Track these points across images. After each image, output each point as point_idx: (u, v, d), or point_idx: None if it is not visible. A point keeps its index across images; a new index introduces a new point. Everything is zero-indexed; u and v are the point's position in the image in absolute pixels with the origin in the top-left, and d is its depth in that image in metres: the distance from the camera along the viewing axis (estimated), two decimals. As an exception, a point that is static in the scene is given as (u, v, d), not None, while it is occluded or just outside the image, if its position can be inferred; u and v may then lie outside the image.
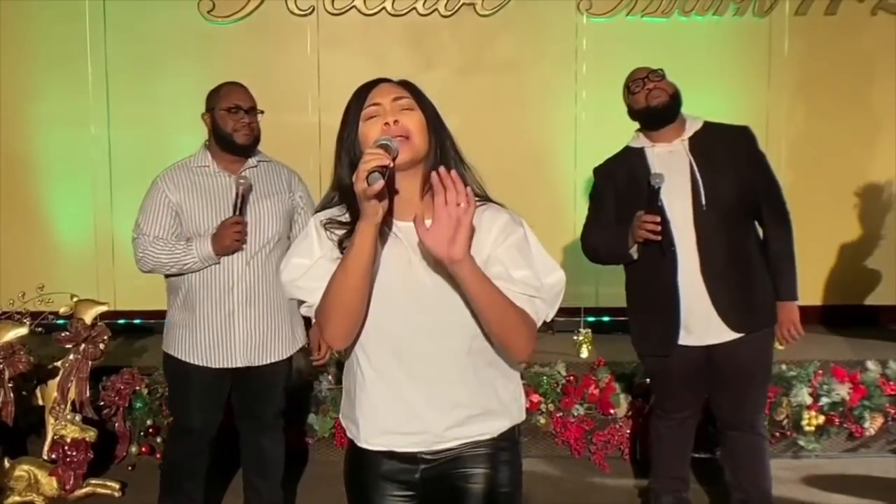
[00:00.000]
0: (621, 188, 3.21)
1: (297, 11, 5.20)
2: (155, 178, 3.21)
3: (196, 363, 3.18)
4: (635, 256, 3.15)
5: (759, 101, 5.30)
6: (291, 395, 4.29)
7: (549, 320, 1.88)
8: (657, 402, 3.48)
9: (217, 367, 3.18)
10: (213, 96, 3.22)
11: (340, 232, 1.83)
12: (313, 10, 5.20)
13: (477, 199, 1.82)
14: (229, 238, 3.06)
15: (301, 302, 1.87)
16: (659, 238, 3.02)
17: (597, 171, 3.39)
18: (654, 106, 3.16)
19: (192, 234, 3.13)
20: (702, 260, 3.10)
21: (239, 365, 3.18)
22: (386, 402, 1.83)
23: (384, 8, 5.17)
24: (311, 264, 1.82)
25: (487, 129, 4.98)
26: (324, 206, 1.89)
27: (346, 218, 1.84)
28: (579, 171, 5.27)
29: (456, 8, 5.19)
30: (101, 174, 5.27)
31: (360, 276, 1.73)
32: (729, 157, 3.14)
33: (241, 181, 3.11)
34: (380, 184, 1.65)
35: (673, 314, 3.13)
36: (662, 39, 5.16)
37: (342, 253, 1.79)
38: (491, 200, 1.89)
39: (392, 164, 1.69)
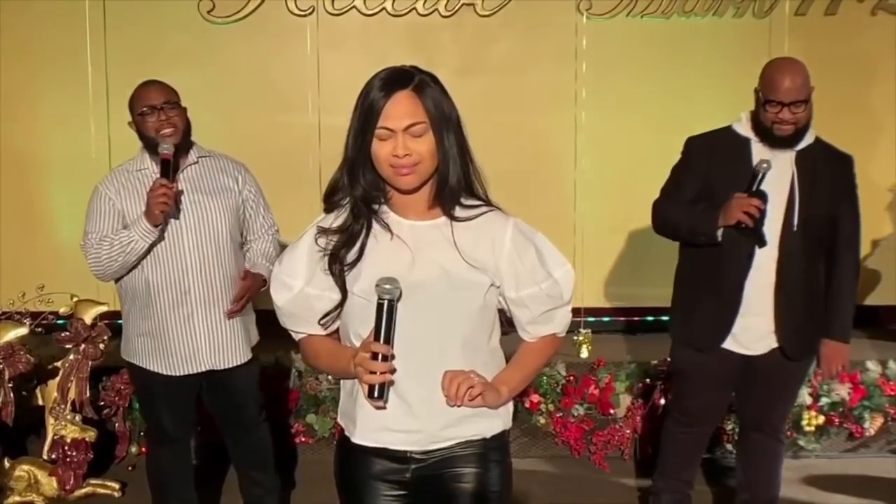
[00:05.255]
0: (715, 170, 3.06)
1: (297, 11, 5.19)
2: (96, 185, 3.18)
3: (160, 372, 3.14)
4: (719, 238, 3.01)
5: (759, 102, 5.29)
6: (289, 394, 4.33)
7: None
8: (677, 403, 3.37)
9: (182, 374, 3.14)
10: (130, 102, 3.16)
11: (332, 238, 1.86)
12: (313, 10, 5.20)
13: (480, 203, 1.89)
14: (154, 201, 2.95)
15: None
16: (752, 224, 2.92)
17: (693, 141, 3.20)
18: (776, 136, 3.00)
19: None
20: (779, 279, 3.01)
21: (203, 369, 3.14)
22: (387, 400, 1.84)
23: (384, 8, 5.17)
24: (291, 297, 1.89)
25: (487, 128, 4.97)
26: (332, 190, 1.90)
27: (342, 219, 1.87)
28: (579, 171, 5.27)
29: (456, 8, 5.19)
30: (101, 174, 5.19)
31: (347, 377, 1.90)
32: (829, 183, 3.02)
33: (164, 146, 3.02)
34: (379, 403, 1.79)
35: (729, 315, 3.05)
36: (662, 39, 5.15)
37: (331, 272, 1.84)
38: (492, 204, 1.91)
39: (392, 378, 1.78)
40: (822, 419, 4.24)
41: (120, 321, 3.34)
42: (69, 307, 3.88)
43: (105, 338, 3.90)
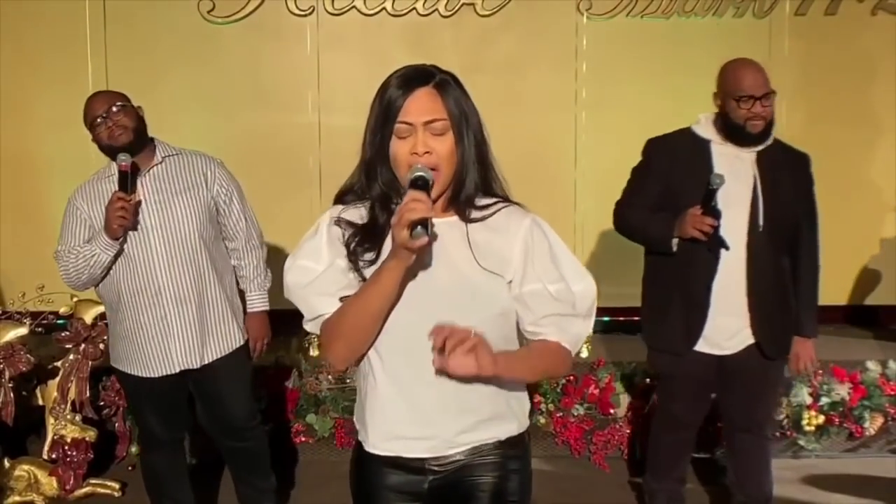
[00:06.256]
0: (675, 173, 3.08)
1: (297, 11, 5.19)
2: (69, 195, 3.20)
3: (138, 374, 3.15)
4: (674, 250, 3.05)
5: (759, 101, 5.29)
6: (289, 394, 4.33)
7: (590, 333, 1.87)
8: (664, 406, 3.39)
9: (158, 375, 3.13)
10: (83, 119, 3.14)
11: (351, 231, 1.78)
12: (313, 10, 5.20)
13: (498, 199, 1.82)
14: (112, 215, 2.96)
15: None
16: (706, 240, 2.96)
17: (653, 143, 3.22)
18: (749, 132, 3.02)
19: None
20: (750, 279, 3.03)
21: (177, 370, 3.13)
22: (396, 406, 1.80)
23: (384, 8, 5.17)
24: (315, 278, 1.77)
25: (487, 128, 4.97)
26: (346, 190, 1.83)
27: (362, 216, 1.80)
28: (579, 171, 5.27)
29: (456, 8, 5.19)
30: (101, 174, 5.26)
31: (381, 310, 1.72)
32: (791, 182, 3.07)
33: (122, 158, 3.00)
34: (423, 240, 1.60)
35: (699, 318, 3.06)
36: (662, 39, 5.15)
37: (350, 260, 1.76)
38: (511, 201, 1.84)
39: (433, 217, 1.63)
40: (822, 419, 4.24)
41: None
42: (69, 307, 3.88)
43: (105, 338, 3.89)
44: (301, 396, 4.34)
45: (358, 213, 1.81)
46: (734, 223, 3.00)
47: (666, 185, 3.10)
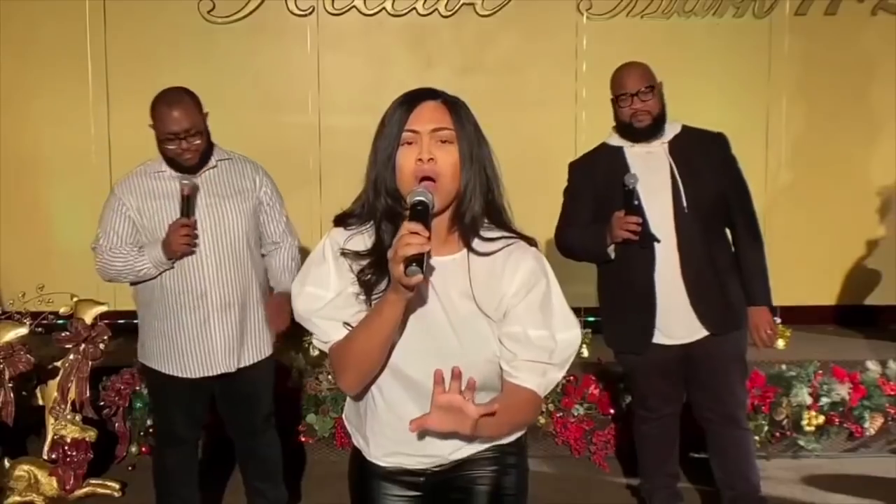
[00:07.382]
0: (599, 187, 3.21)
1: (297, 11, 5.20)
2: (113, 186, 3.18)
3: (175, 374, 3.14)
4: (612, 256, 3.16)
5: (759, 101, 5.30)
6: (289, 395, 4.33)
7: (559, 380, 1.86)
8: (638, 402, 3.47)
9: (197, 376, 3.13)
10: (153, 115, 3.06)
11: (360, 263, 1.77)
12: (313, 10, 5.20)
13: (504, 235, 1.79)
14: (177, 241, 2.98)
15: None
16: (637, 238, 3.05)
17: (573, 166, 3.38)
18: (637, 128, 3.17)
19: (149, 239, 3.08)
20: (682, 261, 3.12)
21: (219, 372, 3.14)
22: (396, 431, 1.80)
23: (384, 8, 5.17)
24: (325, 305, 1.77)
25: (487, 129, 4.94)
26: (348, 214, 1.82)
27: (367, 242, 1.78)
28: (579, 171, 5.27)
29: (456, 8, 5.19)
30: (101, 174, 5.25)
31: (386, 340, 1.72)
32: (706, 162, 3.17)
33: (185, 182, 3.02)
34: (418, 278, 1.58)
35: (648, 312, 3.15)
36: (662, 39, 5.15)
37: (364, 290, 1.75)
38: (518, 234, 1.81)
39: (430, 250, 1.60)
40: (822, 419, 4.24)
41: (120, 321, 3.35)
42: (69, 307, 3.88)
43: (105, 338, 3.90)
44: (301, 396, 4.34)
45: (362, 241, 1.79)
46: (660, 213, 3.11)
47: (594, 199, 3.22)
